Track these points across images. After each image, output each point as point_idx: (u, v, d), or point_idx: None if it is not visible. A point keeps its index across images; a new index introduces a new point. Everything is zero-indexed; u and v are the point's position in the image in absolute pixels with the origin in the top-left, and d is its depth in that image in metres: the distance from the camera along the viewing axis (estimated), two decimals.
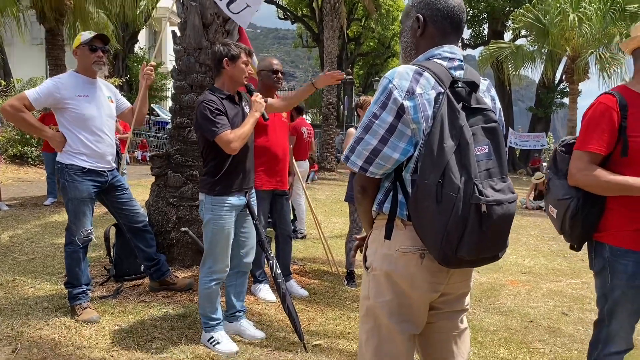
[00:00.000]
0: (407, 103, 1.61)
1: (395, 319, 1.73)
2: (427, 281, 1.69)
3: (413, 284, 1.69)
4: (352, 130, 4.78)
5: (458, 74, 1.70)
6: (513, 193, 1.61)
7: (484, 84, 1.80)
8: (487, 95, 1.80)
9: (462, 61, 1.74)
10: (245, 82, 3.21)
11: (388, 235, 1.70)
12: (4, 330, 3.33)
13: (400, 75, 1.64)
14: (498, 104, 1.84)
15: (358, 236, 2.03)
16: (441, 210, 1.52)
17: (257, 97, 3.19)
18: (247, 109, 3.25)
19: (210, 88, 3.16)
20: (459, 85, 1.63)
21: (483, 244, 1.56)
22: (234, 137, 2.96)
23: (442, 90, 1.61)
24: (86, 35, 3.60)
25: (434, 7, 1.73)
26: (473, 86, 1.65)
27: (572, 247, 2.28)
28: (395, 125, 1.62)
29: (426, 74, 1.64)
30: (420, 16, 1.75)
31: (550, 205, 2.26)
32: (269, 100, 3.59)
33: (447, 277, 1.72)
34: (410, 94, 1.61)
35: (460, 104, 1.59)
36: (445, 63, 1.70)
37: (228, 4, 4.16)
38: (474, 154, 1.53)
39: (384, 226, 1.72)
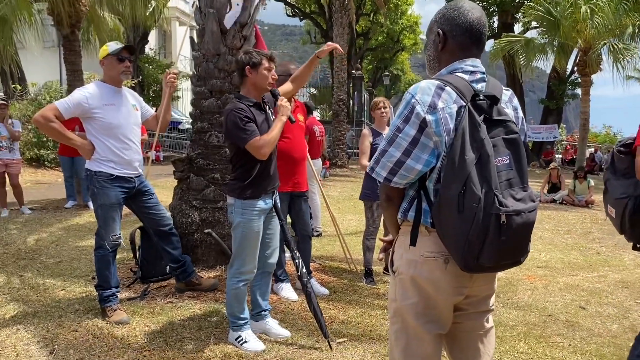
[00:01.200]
0: (429, 117, 1.69)
1: (422, 320, 1.82)
2: (451, 285, 1.78)
3: (438, 288, 1.78)
4: (365, 130, 4.81)
5: (480, 86, 1.78)
6: (534, 201, 1.68)
7: (506, 94, 1.87)
8: (510, 105, 1.86)
9: (484, 74, 1.82)
10: (269, 88, 3.30)
11: (413, 242, 1.79)
12: (40, 332, 3.47)
13: (422, 90, 1.73)
14: (520, 113, 1.90)
15: (385, 238, 2.12)
16: (463, 219, 1.61)
17: (283, 101, 3.28)
18: (270, 113, 3.35)
19: (237, 96, 3.26)
20: (480, 98, 1.70)
21: (503, 252, 1.64)
22: (264, 142, 3.07)
23: (464, 104, 1.69)
24: (113, 46, 3.72)
25: (453, 23, 1.81)
26: (494, 99, 1.72)
27: (634, 247, 2.29)
28: (418, 138, 1.71)
29: (448, 88, 1.72)
30: (441, 31, 1.83)
31: (609, 206, 2.31)
32: (282, 87, 3.68)
33: (471, 281, 1.81)
34: (433, 108, 1.69)
35: (482, 117, 1.67)
36: (467, 77, 1.78)
37: None
38: (494, 166, 1.61)
39: (409, 232, 1.81)
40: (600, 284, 5.11)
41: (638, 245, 2.27)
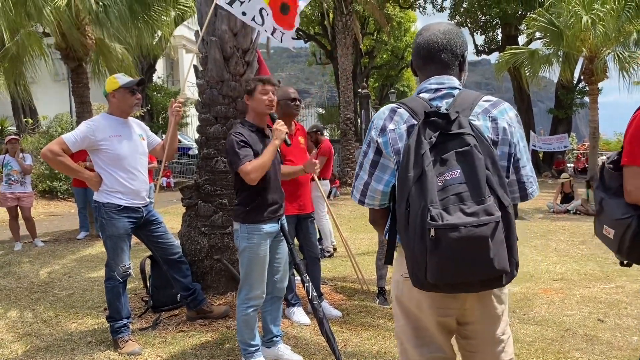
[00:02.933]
0: (379, 140, 1.79)
1: (413, 343, 1.82)
2: (433, 305, 1.75)
3: (420, 307, 1.78)
4: None
5: (445, 102, 1.78)
6: (491, 215, 1.56)
7: (482, 105, 1.79)
8: (486, 117, 1.77)
9: (452, 88, 1.81)
10: (267, 111, 3.31)
11: (389, 261, 1.83)
12: None
13: (378, 115, 1.85)
14: (501, 123, 1.77)
15: None
16: (408, 236, 1.63)
17: (278, 124, 3.25)
18: None
19: (241, 121, 3.31)
20: (432, 116, 1.67)
21: (447, 267, 1.56)
22: (252, 168, 3.05)
23: (415, 123, 1.72)
24: (124, 79, 3.77)
25: (416, 45, 1.90)
26: (445, 117, 1.66)
27: (623, 264, 2.13)
28: (377, 160, 1.81)
29: (401, 109, 1.79)
30: (413, 55, 1.94)
31: (605, 226, 2.09)
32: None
33: (459, 302, 1.74)
34: (382, 131, 1.79)
35: (437, 132, 1.64)
36: (428, 95, 1.81)
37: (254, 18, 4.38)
38: (432, 180, 1.58)
39: (396, 253, 1.86)
40: (618, 295, 5.01)
41: (626, 264, 2.10)
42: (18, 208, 7.84)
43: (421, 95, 1.83)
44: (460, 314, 1.78)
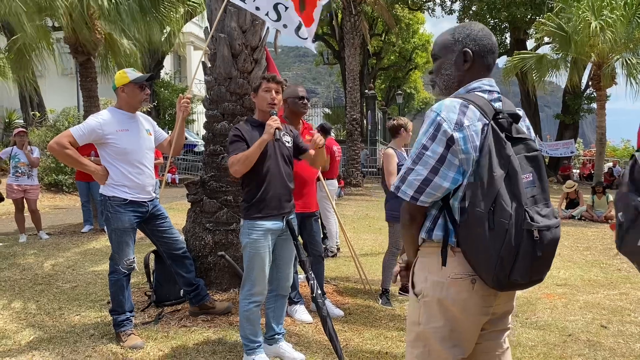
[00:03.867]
0: (457, 134, 1.69)
1: (447, 345, 1.79)
2: (478, 305, 1.75)
3: (465, 309, 1.75)
4: (390, 151, 4.71)
5: (498, 105, 1.79)
6: (557, 218, 1.70)
7: (519, 114, 1.87)
8: (523, 124, 1.87)
9: (499, 93, 1.83)
10: (268, 109, 3.28)
11: (444, 262, 1.76)
12: (55, 358, 3.47)
13: (447, 108, 1.73)
14: (532, 133, 1.92)
15: (401, 262, 2.08)
16: (494, 236, 1.60)
17: (271, 119, 3.19)
18: (285, 137, 3.37)
19: (247, 118, 3.32)
20: (501, 117, 1.72)
21: (535, 268, 1.64)
22: (234, 160, 3.12)
23: (487, 122, 1.70)
24: (134, 74, 3.77)
25: (481, 43, 1.83)
26: (515, 117, 1.75)
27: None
28: (445, 155, 1.70)
29: (471, 106, 1.72)
30: (469, 51, 1.82)
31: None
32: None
33: (496, 300, 1.79)
34: (459, 125, 1.69)
35: (503, 134, 1.68)
36: (485, 95, 1.79)
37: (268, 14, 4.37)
38: (522, 182, 1.62)
39: (434, 253, 1.79)
40: (622, 301, 4.99)
41: None
42: (24, 200, 7.88)
43: (479, 94, 1.80)
44: (493, 309, 1.82)
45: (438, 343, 1.79)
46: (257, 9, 4.31)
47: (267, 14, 4.38)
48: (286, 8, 4.40)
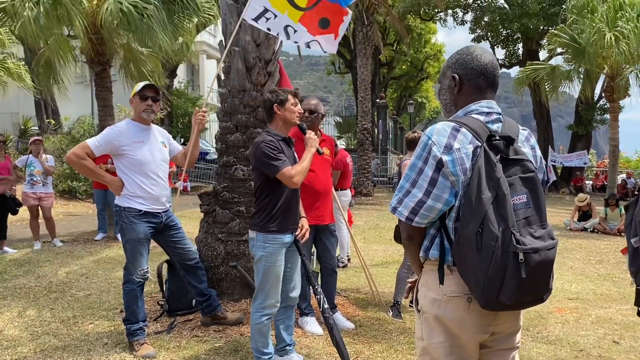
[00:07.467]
0: (445, 157, 1.74)
1: (451, 359, 1.83)
2: (475, 324, 1.78)
3: (462, 327, 1.79)
4: (408, 161, 4.74)
5: (496, 127, 1.83)
6: (553, 239, 1.70)
7: (523, 134, 1.91)
8: (526, 144, 1.90)
9: (500, 114, 1.86)
10: (298, 122, 3.40)
11: (441, 281, 1.80)
12: None
13: (438, 132, 1.79)
14: (538, 152, 1.94)
15: (411, 280, 2.13)
16: (482, 257, 1.64)
17: (311, 134, 3.41)
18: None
19: (266, 130, 3.37)
20: (496, 139, 1.74)
21: (523, 289, 1.65)
22: (295, 172, 3.18)
23: (479, 144, 1.73)
24: (139, 85, 3.87)
25: (467, 67, 1.88)
26: (509, 140, 1.76)
27: None
28: (436, 178, 1.76)
29: (463, 129, 1.77)
30: (456, 75, 1.90)
31: None
32: None
33: (496, 319, 1.81)
34: (448, 149, 1.75)
35: (498, 156, 1.71)
36: (482, 118, 1.83)
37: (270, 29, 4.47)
38: (511, 204, 1.64)
39: (432, 271, 1.84)
40: (634, 317, 4.91)
41: None
42: (39, 208, 8.00)
43: (475, 116, 1.84)
44: (493, 328, 1.83)
45: (442, 357, 1.83)
46: (269, 29, 4.45)
47: (277, 35, 4.52)
48: (295, 31, 4.51)
